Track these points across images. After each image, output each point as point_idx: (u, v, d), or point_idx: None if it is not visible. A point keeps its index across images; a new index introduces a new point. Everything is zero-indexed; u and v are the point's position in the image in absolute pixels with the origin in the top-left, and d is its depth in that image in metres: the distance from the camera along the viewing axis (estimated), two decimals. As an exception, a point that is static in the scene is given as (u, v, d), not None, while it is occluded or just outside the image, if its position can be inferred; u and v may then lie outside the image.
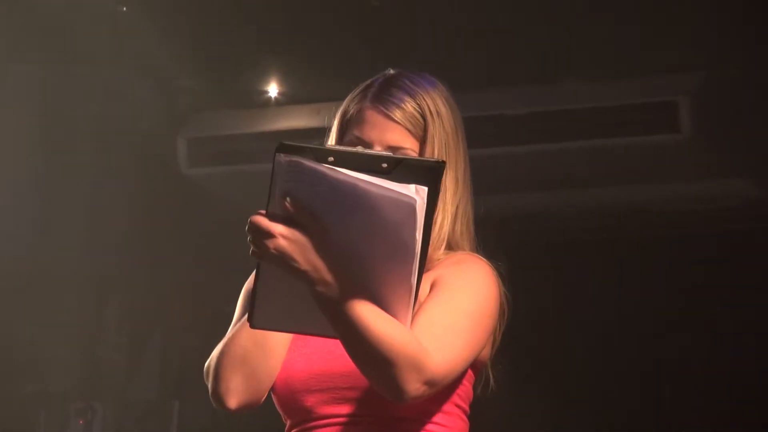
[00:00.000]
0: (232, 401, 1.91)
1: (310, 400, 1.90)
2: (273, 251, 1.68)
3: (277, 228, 1.68)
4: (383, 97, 1.96)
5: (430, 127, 1.94)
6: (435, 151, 1.95)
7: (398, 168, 1.66)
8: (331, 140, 2.02)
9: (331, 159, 1.64)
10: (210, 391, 1.92)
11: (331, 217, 1.67)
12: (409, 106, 1.95)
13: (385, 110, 1.94)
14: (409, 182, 1.66)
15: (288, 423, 1.95)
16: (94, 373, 5.06)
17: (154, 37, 4.46)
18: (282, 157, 1.64)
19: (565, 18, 4.14)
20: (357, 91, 2.00)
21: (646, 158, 4.39)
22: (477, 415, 2.08)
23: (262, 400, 1.93)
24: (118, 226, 4.92)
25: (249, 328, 1.86)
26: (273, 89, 4.66)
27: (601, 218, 4.80)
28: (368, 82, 2.01)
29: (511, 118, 4.34)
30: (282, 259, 1.67)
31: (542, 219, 4.58)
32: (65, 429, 5.01)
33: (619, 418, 4.82)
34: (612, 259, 4.77)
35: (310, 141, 1.88)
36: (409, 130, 1.94)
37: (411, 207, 1.64)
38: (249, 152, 4.68)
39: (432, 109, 1.96)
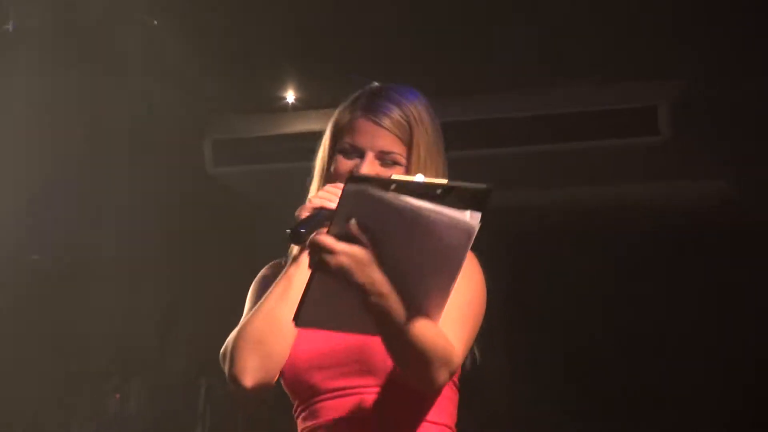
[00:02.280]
0: (248, 380, 1.90)
1: (317, 377, 1.92)
2: (334, 266, 1.69)
3: (339, 246, 1.69)
4: (372, 107, 1.96)
5: (416, 133, 1.96)
6: (421, 154, 1.97)
7: (451, 193, 1.67)
8: (324, 148, 2.04)
9: (393, 187, 1.66)
10: (226, 372, 1.92)
11: (390, 237, 1.69)
12: (396, 114, 1.96)
13: (375, 119, 1.95)
14: (459, 206, 1.67)
15: (296, 403, 1.97)
16: (130, 353, 5.11)
17: (182, 48, 4.45)
18: (351, 186, 1.65)
19: (554, 30, 4.11)
20: (347, 103, 2.00)
21: (627, 159, 4.38)
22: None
23: (275, 380, 1.94)
24: (150, 219, 4.93)
25: (263, 314, 1.93)
26: (290, 95, 4.69)
27: (582, 214, 4.78)
28: (356, 94, 2.01)
29: (503, 121, 4.35)
30: (341, 273, 1.69)
31: (525, 213, 4.51)
32: (104, 403, 5.05)
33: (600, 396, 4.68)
34: (591, 251, 4.71)
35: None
36: (397, 136, 1.95)
37: (469, 232, 1.67)
38: (269, 153, 4.75)
39: (416, 116, 1.97)
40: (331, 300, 1.73)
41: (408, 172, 1.95)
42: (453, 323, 1.85)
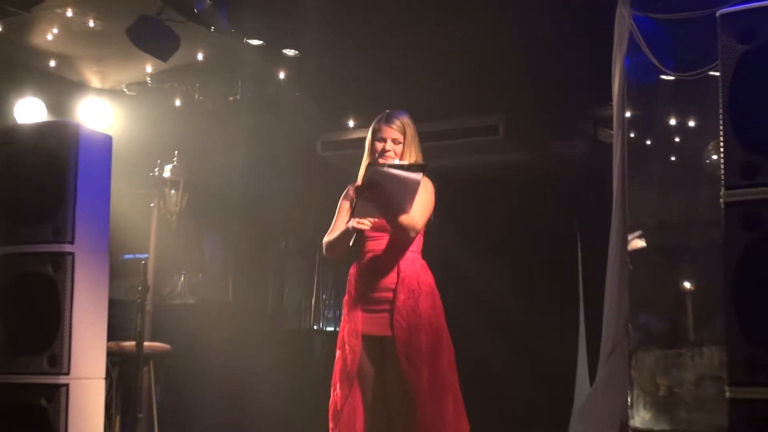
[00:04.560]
0: (330, 257, 3.49)
1: (366, 231, 3.41)
2: (365, 196, 3.03)
3: (365, 190, 2.99)
4: (388, 120, 3.29)
5: (407, 132, 3.26)
6: (408, 141, 3.19)
7: (412, 166, 3.00)
8: (368, 140, 3.26)
9: (387, 166, 2.93)
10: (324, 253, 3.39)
11: (389, 185, 2.96)
12: (398, 122, 3.26)
13: (389, 125, 3.25)
14: (415, 171, 3.00)
15: (361, 239, 3.39)
16: (289, 229, 7.40)
17: (307, 103, 6.66)
18: (369, 168, 2.97)
19: (454, 88, 5.58)
20: (377, 120, 3.28)
21: (484, 146, 6.12)
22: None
23: (343, 256, 3.37)
24: (291, 175, 7.16)
25: (331, 236, 3.20)
26: (351, 122, 6.86)
27: (465, 172, 6.15)
28: (381, 115, 3.31)
29: (427, 132, 4.38)
30: (368, 199, 2.93)
31: (439, 173, 4.00)
32: (278, 246, 7.39)
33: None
34: (472, 189, 5.95)
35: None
36: (399, 132, 3.24)
37: (418, 180, 3.02)
38: (344, 145, 6.59)
39: (407, 123, 3.27)
40: (366, 208, 3.09)
41: (403, 148, 3.27)
42: (416, 212, 3.22)
